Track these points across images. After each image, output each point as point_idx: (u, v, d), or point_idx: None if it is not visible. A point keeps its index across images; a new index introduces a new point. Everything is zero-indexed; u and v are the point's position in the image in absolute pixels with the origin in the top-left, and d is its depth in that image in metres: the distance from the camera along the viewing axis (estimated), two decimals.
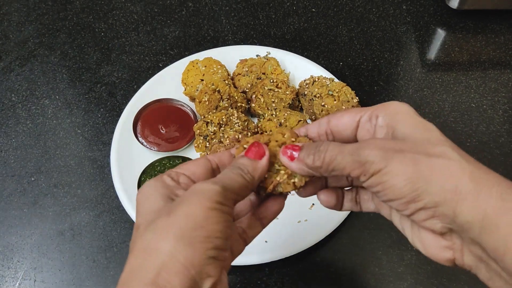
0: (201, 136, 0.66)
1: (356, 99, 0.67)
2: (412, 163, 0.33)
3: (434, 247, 0.35)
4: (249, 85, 0.72)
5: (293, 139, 0.39)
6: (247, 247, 0.60)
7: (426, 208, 0.32)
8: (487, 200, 0.31)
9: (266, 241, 0.60)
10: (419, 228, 0.35)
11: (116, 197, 0.64)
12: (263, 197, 0.41)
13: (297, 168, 0.38)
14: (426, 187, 0.32)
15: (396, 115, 0.37)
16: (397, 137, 0.36)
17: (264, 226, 0.41)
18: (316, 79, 0.70)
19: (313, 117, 0.69)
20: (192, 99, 0.72)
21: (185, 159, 0.65)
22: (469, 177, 0.32)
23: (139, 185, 0.63)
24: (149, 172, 0.64)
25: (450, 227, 0.33)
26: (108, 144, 0.70)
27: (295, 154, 0.37)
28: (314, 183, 0.42)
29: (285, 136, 0.39)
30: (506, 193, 0.31)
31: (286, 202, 0.64)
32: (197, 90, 0.71)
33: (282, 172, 0.38)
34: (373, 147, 0.34)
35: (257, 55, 0.76)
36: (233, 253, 0.39)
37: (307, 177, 0.38)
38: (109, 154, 0.67)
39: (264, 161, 0.38)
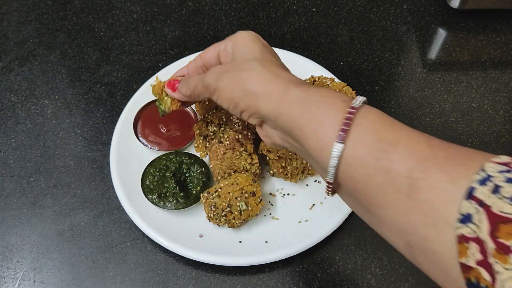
0: (201, 136, 0.65)
1: None
2: (231, 79, 0.45)
3: (262, 137, 0.48)
4: None
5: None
6: (247, 248, 0.60)
7: (244, 110, 0.45)
8: (274, 96, 0.42)
9: (266, 242, 0.60)
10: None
11: (116, 197, 0.63)
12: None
13: (177, 96, 0.55)
14: (239, 94, 0.44)
15: (237, 41, 0.49)
16: (232, 60, 0.48)
17: None
18: (317, 79, 0.70)
19: None
20: None
21: (191, 156, 0.65)
22: (263, 81, 0.43)
23: (143, 177, 0.63)
24: (155, 165, 0.64)
25: (261, 120, 0.45)
26: (107, 144, 0.70)
27: (176, 85, 0.55)
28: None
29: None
30: (287, 88, 0.41)
31: (286, 202, 0.64)
32: None
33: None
34: (211, 73, 0.47)
35: None
36: None
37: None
38: (109, 154, 0.66)
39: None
